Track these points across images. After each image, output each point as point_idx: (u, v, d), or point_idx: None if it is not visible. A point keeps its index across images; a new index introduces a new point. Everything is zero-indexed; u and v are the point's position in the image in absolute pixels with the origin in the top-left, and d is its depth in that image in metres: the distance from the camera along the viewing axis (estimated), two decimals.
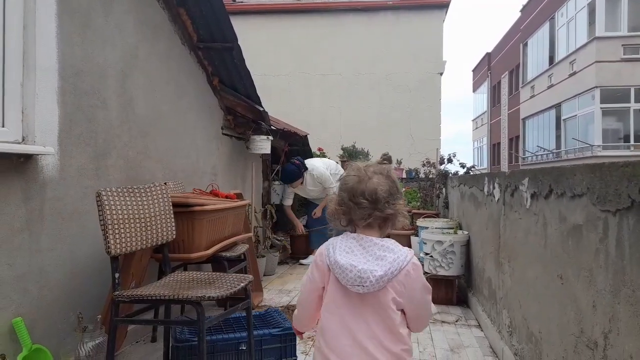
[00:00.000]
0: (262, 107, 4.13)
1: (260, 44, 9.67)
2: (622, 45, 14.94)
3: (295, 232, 5.67)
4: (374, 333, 1.24)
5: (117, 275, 1.91)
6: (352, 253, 1.26)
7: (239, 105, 4.10)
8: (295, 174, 5.12)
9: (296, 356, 2.36)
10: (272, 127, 4.54)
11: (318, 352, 1.31)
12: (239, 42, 3.49)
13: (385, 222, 1.31)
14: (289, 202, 5.41)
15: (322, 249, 1.34)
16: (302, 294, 1.42)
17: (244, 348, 2.21)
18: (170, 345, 2.17)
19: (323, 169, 5.24)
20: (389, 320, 1.25)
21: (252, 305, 2.24)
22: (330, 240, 1.34)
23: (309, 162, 5.24)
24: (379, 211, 1.27)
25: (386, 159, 1.45)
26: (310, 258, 5.26)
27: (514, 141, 23.96)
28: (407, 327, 1.31)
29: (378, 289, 1.22)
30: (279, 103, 9.09)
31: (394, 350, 1.24)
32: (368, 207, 1.27)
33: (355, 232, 1.32)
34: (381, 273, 1.20)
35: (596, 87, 15.22)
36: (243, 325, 2.39)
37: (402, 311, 1.28)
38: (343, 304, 1.27)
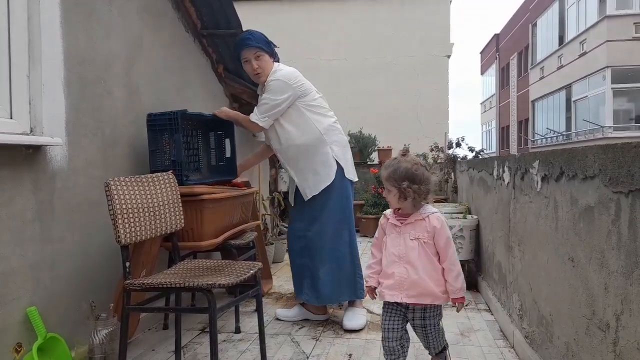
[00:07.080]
0: None
1: (264, 30, 9.57)
2: (634, 23, 14.64)
3: None
4: None
5: (127, 264, 1.92)
6: None
7: (244, 92, 4.08)
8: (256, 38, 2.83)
9: None
10: None
11: None
12: (243, 29, 3.46)
13: None
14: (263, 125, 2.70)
15: None
16: None
17: None
18: None
19: (290, 70, 2.78)
20: None
21: (262, 293, 2.25)
22: None
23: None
24: None
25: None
26: (293, 311, 2.93)
27: (523, 124, 23.71)
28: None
29: None
30: None
31: None
32: None
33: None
34: None
35: (607, 67, 14.97)
36: None
37: None
38: None
